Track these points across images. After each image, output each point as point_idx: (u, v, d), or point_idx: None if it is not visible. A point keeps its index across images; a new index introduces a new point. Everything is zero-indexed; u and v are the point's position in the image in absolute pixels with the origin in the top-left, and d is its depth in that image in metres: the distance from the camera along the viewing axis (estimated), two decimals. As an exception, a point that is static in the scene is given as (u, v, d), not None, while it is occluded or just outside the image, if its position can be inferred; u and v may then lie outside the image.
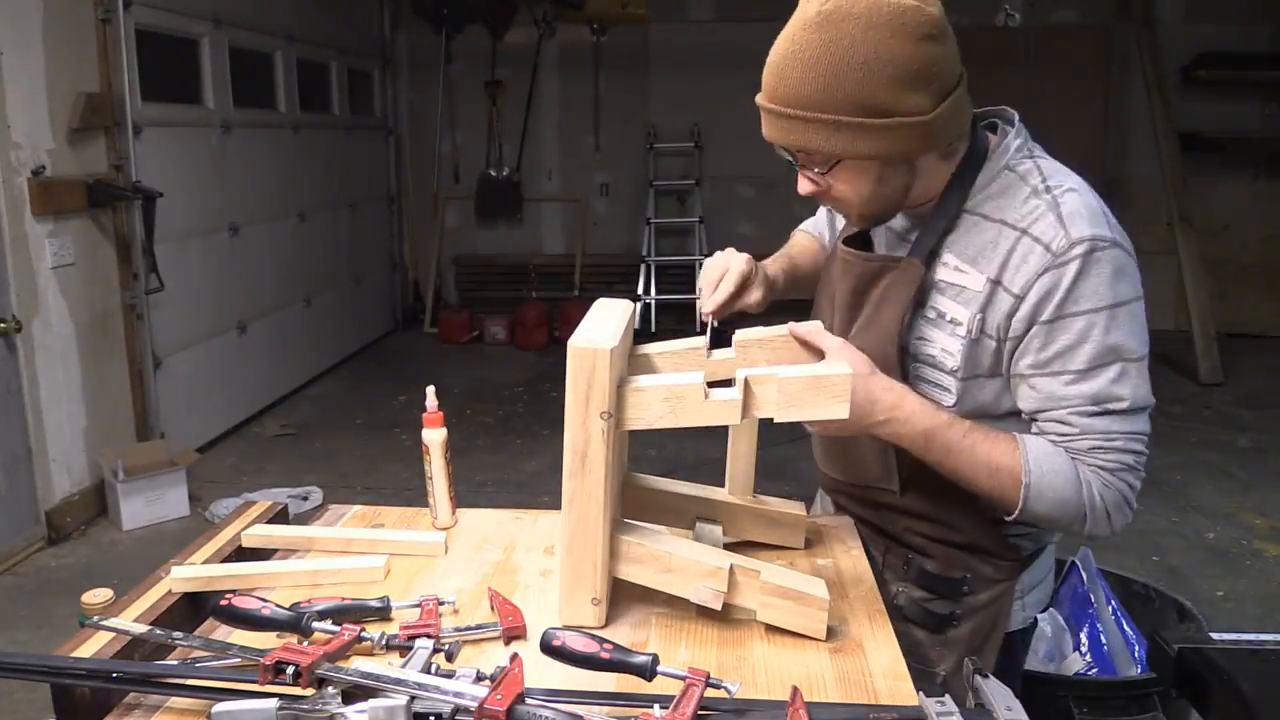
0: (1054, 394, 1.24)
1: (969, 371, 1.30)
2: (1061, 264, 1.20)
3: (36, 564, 3.83)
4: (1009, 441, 1.26)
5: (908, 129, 1.20)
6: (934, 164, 1.29)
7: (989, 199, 1.28)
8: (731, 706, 0.99)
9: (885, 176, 1.26)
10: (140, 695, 1.07)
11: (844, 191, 1.29)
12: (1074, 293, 1.20)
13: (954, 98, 1.23)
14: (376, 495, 4.41)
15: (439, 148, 8.09)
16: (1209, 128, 7.13)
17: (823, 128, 1.20)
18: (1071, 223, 1.21)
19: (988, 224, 1.27)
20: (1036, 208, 1.24)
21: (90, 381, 4.21)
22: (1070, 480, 1.24)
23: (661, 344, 1.35)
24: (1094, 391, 1.22)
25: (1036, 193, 1.25)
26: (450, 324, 7.74)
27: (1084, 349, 1.21)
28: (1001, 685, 1.00)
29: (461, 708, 0.93)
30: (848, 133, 1.19)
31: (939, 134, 1.23)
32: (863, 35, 1.15)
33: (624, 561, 1.21)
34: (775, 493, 1.51)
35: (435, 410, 1.51)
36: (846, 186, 1.28)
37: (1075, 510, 1.25)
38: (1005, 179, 1.28)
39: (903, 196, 1.31)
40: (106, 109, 4.23)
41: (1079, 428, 1.24)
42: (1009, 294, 1.24)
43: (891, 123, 1.19)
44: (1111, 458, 1.24)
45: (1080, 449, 1.25)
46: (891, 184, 1.28)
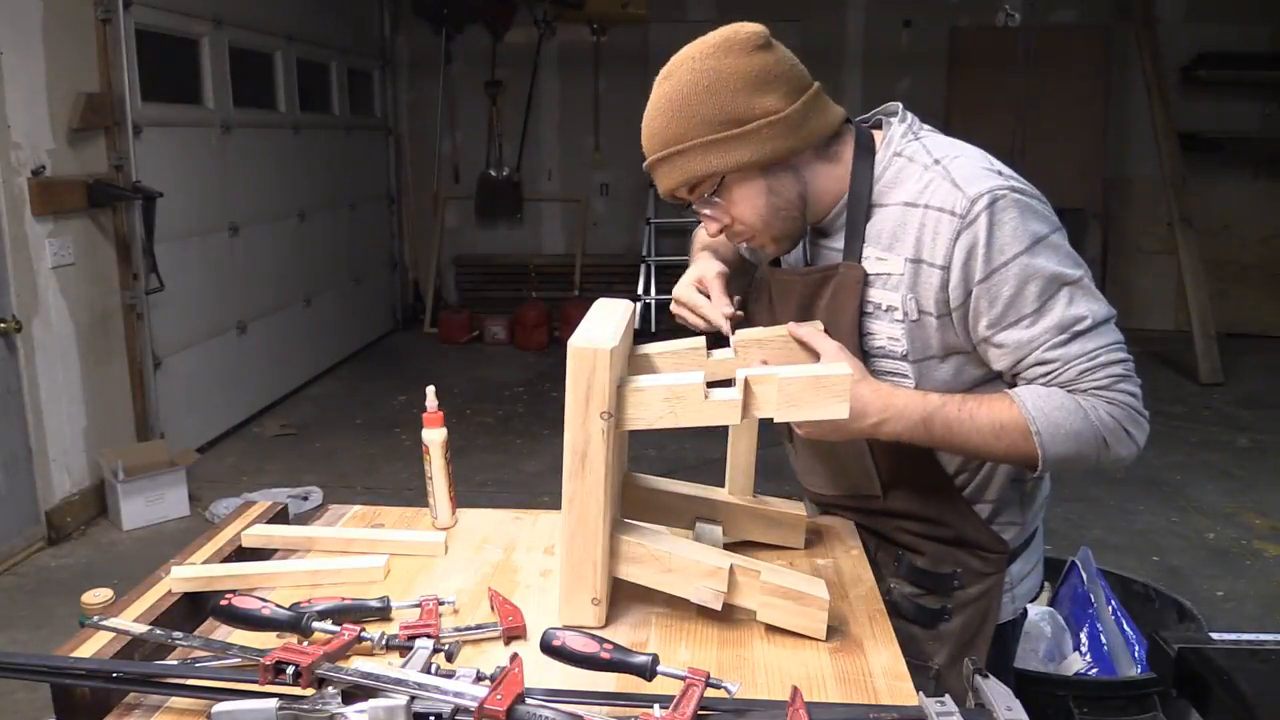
0: (1021, 341, 1.26)
1: (918, 354, 1.33)
2: (970, 223, 1.24)
3: (36, 564, 3.83)
4: (1004, 399, 1.27)
5: (770, 128, 1.26)
6: (820, 168, 1.34)
7: (887, 187, 1.33)
8: (731, 706, 0.99)
9: (774, 185, 1.32)
10: (140, 695, 1.07)
11: (745, 214, 1.33)
12: (993, 244, 1.23)
13: (809, 96, 1.30)
14: (376, 495, 4.41)
15: (439, 148, 8.09)
16: (1209, 128, 7.13)
17: (693, 153, 1.29)
18: (966, 183, 1.25)
19: (892, 209, 1.32)
20: (930, 181, 1.28)
21: (90, 381, 4.21)
22: (1074, 411, 1.25)
23: (661, 344, 1.35)
24: (1055, 322, 1.24)
25: (927, 168, 1.30)
26: (450, 324, 7.74)
27: (1029, 289, 1.24)
28: (1001, 685, 1.00)
29: (461, 708, 0.93)
30: (716, 149, 1.28)
31: (803, 129, 1.29)
32: (698, 67, 1.29)
33: (624, 561, 1.21)
34: (775, 493, 1.51)
35: (435, 410, 1.51)
36: (744, 208, 1.33)
37: (1092, 438, 1.25)
38: (896, 164, 1.33)
39: (801, 205, 1.35)
40: (106, 109, 4.23)
41: (1058, 359, 1.25)
42: (933, 267, 1.27)
43: (752, 127, 1.26)
44: (1101, 375, 1.25)
45: (1069, 379, 1.26)
46: (784, 194, 1.33)
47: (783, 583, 1.20)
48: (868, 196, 1.33)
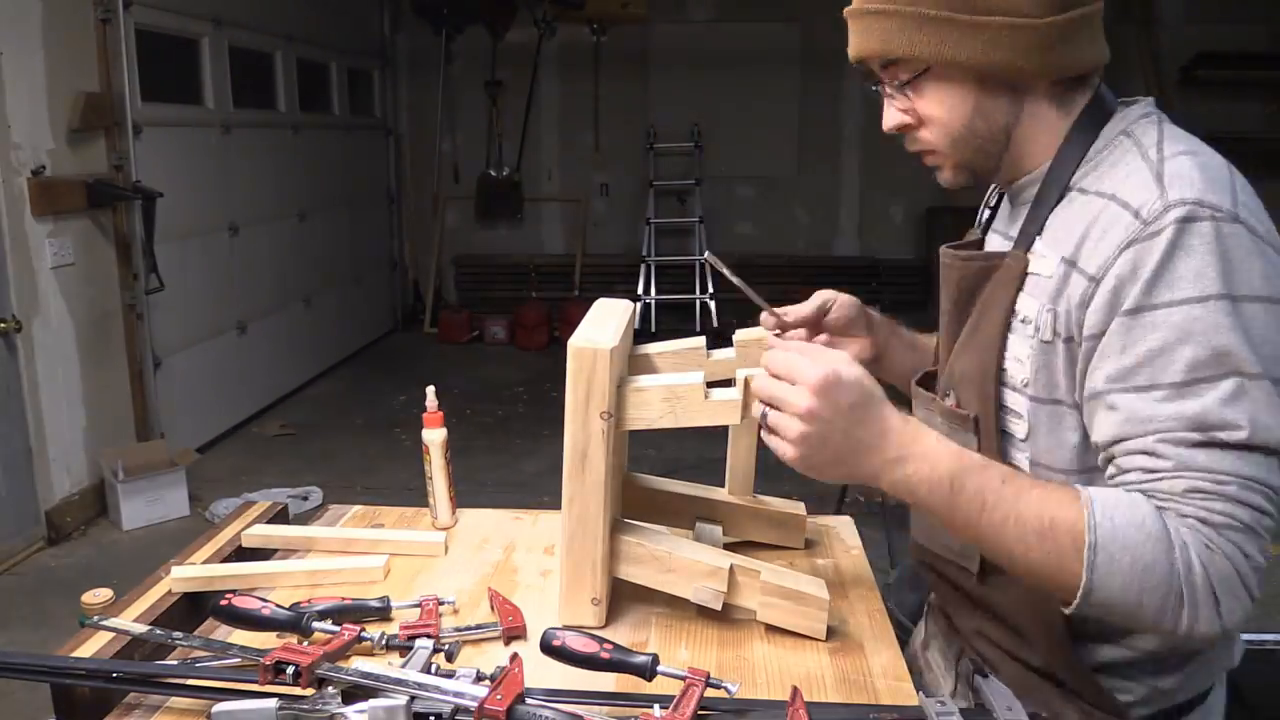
0: (1137, 414, 0.91)
1: (1043, 391, 1.01)
2: (1151, 234, 0.91)
3: (36, 564, 3.83)
4: (1067, 490, 0.93)
5: (1011, 32, 0.98)
6: (1043, 109, 1.05)
7: (1095, 168, 1.03)
8: (731, 706, 0.99)
9: (982, 103, 1.04)
10: (140, 695, 1.07)
11: (934, 117, 1.06)
12: (1167, 273, 0.90)
13: (1080, 15, 1.01)
14: (376, 495, 4.41)
15: (439, 148, 8.09)
16: (1209, 128, 7.06)
17: (907, 23, 1.01)
18: (1172, 183, 0.93)
19: (1084, 197, 1.02)
20: (1134, 166, 0.98)
21: (90, 381, 4.21)
22: (1156, 538, 0.88)
23: (661, 344, 1.35)
24: (1196, 412, 0.89)
25: (1145, 155, 0.98)
26: (450, 324, 7.74)
27: (1182, 352, 0.89)
28: (1002, 685, 1.00)
29: (461, 708, 0.93)
30: (935, 30, 1.00)
31: (1050, 51, 1.00)
32: None
33: (624, 561, 1.21)
34: (775, 493, 1.51)
35: (435, 410, 1.51)
36: (937, 110, 1.05)
37: (1162, 584, 0.88)
38: (1119, 145, 1.02)
39: (1003, 142, 1.06)
40: (106, 109, 4.23)
41: (1172, 461, 0.90)
42: (1083, 276, 0.96)
43: (990, 21, 0.98)
44: (1219, 505, 0.88)
45: (1173, 491, 0.90)
46: (990, 118, 1.05)
47: (783, 583, 1.20)
48: (1070, 173, 1.04)
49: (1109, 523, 0.89)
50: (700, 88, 7.84)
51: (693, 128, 7.88)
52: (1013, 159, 1.08)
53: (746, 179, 8.13)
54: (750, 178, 8.13)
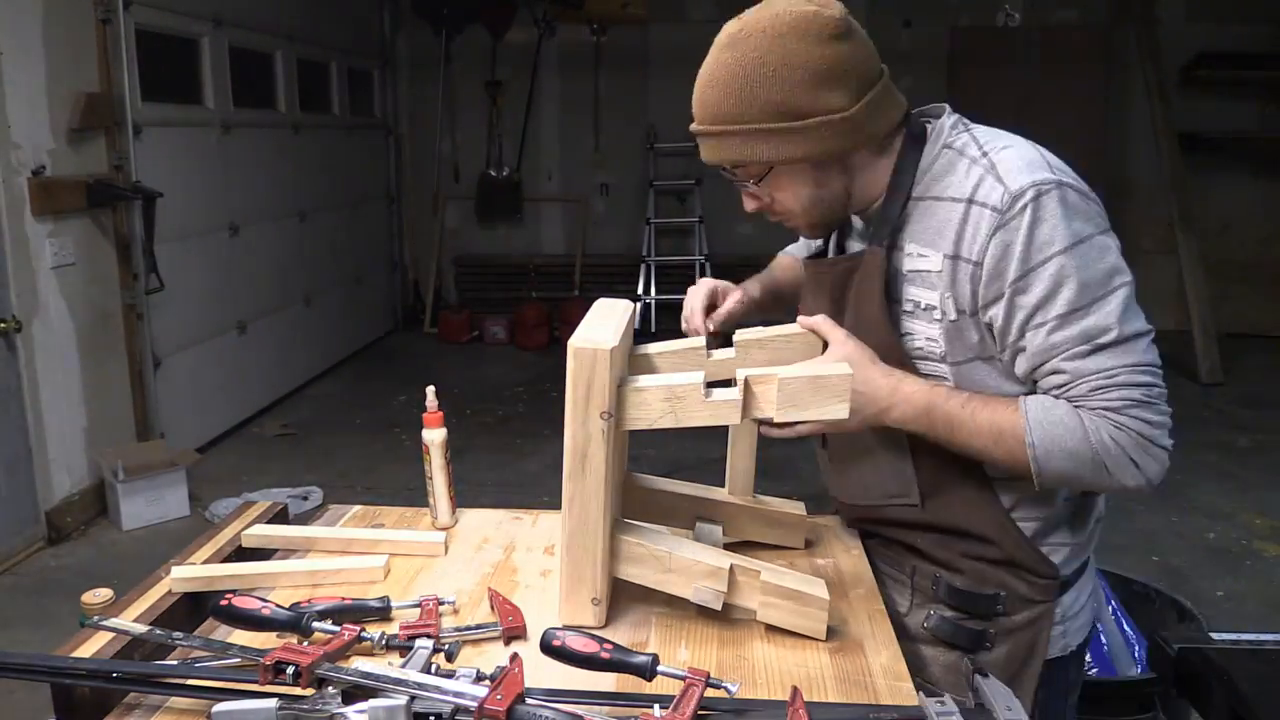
0: (1041, 346, 1.19)
1: (958, 355, 1.27)
2: (1010, 218, 1.17)
3: (36, 564, 3.83)
4: (1009, 404, 1.21)
5: (829, 127, 1.21)
6: (870, 160, 1.29)
7: (934, 180, 1.27)
8: (731, 706, 0.99)
9: (821, 179, 1.28)
10: (140, 695, 1.07)
11: (786, 200, 1.30)
12: (1032, 242, 1.17)
13: (875, 92, 1.24)
14: (376, 495, 4.41)
15: (439, 148, 8.09)
16: (1209, 128, 7.13)
17: (747, 138, 1.23)
18: (1009, 177, 1.19)
19: (937, 204, 1.26)
20: (976, 174, 1.22)
21: (90, 381, 4.21)
22: (1074, 429, 1.17)
23: (661, 344, 1.35)
24: (1080, 331, 1.17)
25: (974, 161, 1.23)
26: (450, 324, 7.74)
27: (1060, 294, 1.16)
28: (1001, 685, 1.00)
29: (461, 708, 0.93)
30: (772, 139, 1.22)
31: (863, 129, 1.23)
32: (769, 45, 1.20)
33: (624, 561, 1.21)
34: (775, 493, 1.51)
35: (435, 410, 1.51)
36: (786, 194, 1.30)
37: (1089, 460, 1.17)
38: (945, 157, 1.27)
39: (845, 198, 1.31)
40: (106, 109, 4.23)
41: (1070, 372, 1.18)
42: (968, 263, 1.21)
43: (812, 123, 1.21)
44: (1114, 395, 1.17)
45: (1081, 394, 1.18)
46: (829, 185, 1.29)
47: (783, 583, 1.20)
48: (909, 189, 1.28)
49: (1039, 425, 1.19)
50: (700, 88, 7.82)
51: (693, 128, 7.88)
52: (856, 201, 1.33)
53: (746, 179, 8.13)
54: (750, 178, 8.13)
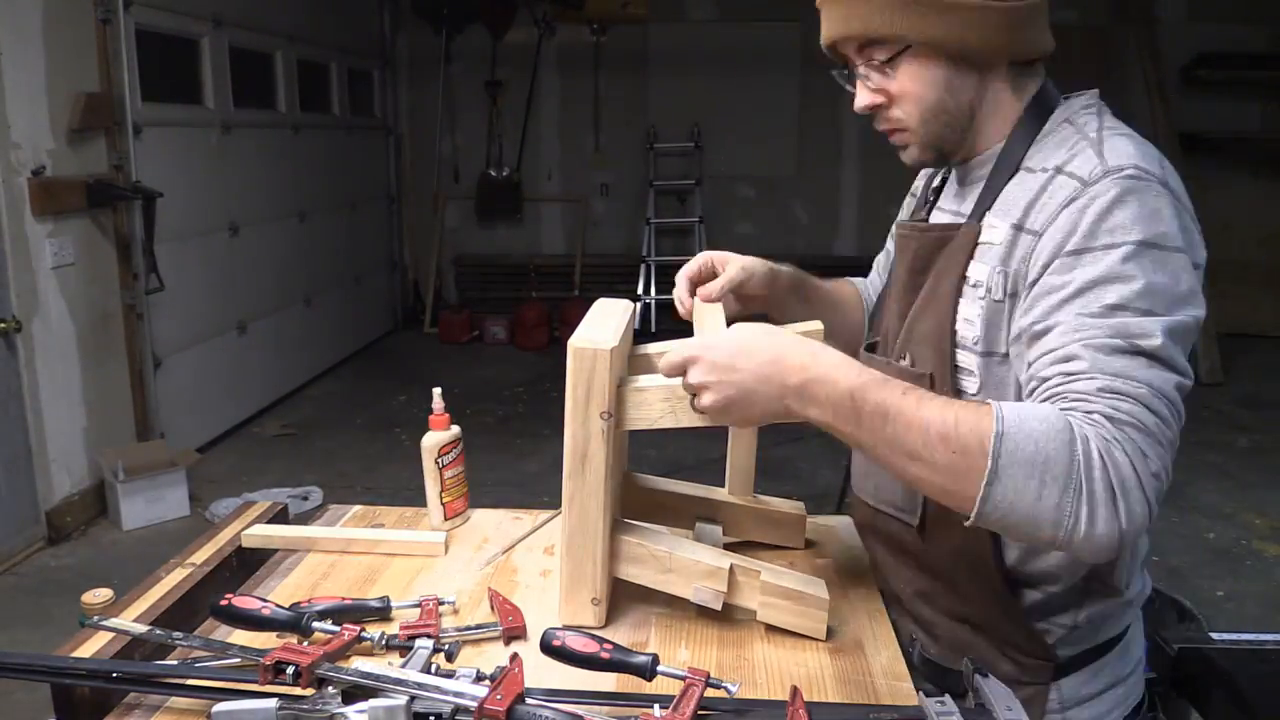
0: (1070, 326, 0.98)
1: (988, 345, 1.10)
2: (1092, 191, 1.02)
3: (36, 564, 3.83)
4: (971, 401, 1.01)
5: (982, 14, 1.08)
6: (1002, 92, 1.15)
7: (1040, 150, 1.13)
8: (731, 706, 0.99)
9: (953, 82, 1.13)
10: (140, 695, 1.07)
11: (909, 93, 1.13)
12: (1107, 219, 1.00)
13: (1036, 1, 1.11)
14: (376, 495, 4.41)
15: (439, 148, 8.09)
16: (1209, 128, 7.13)
17: (886, 5, 1.09)
18: (1111, 154, 1.04)
19: (1030, 175, 1.12)
20: (1078, 147, 1.08)
21: (90, 381, 4.21)
22: (1058, 429, 0.91)
23: (661, 344, 1.35)
24: (1120, 324, 0.96)
25: (1085, 137, 1.10)
26: (450, 324, 7.74)
27: (1116, 285, 0.97)
28: (1001, 685, 1.00)
29: (461, 708, 0.93)
30: (916, 11, 1.08)
31: (1014, 31, 1.10)
32: None
33: (624, 561, 1.21)
34: (775, 493, 1.51)
35: (439, 413, 1.51)
36: (912, 86, 1.13)
37: (1063, 475, 0.89)
38: (1062, 130, 1.13)
39: (968, 120, 1.15)
40: (106, 109, 4.23)
41: (1089, 361, 0.95)
42: (1030, 234, 1.06)
43: (964, 2, 1.07)
44: (1126, 406, 0.92)
45: (1085, 392, 0.94)
46: (959, 96, 1.13)
47: (783, 583, 1.20)
48: (1021, 153, 1.13)
49: (1015, 417, 0.92)
50: (700, 88, 7.83)
51: (693, 128, 7.87)
52: (972, 138, 1.17)
53: (746, 179, 8.13)
54: (750, 178, 8.13)
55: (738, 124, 7.94)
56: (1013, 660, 1.15)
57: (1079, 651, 1.17)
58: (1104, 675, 1.19)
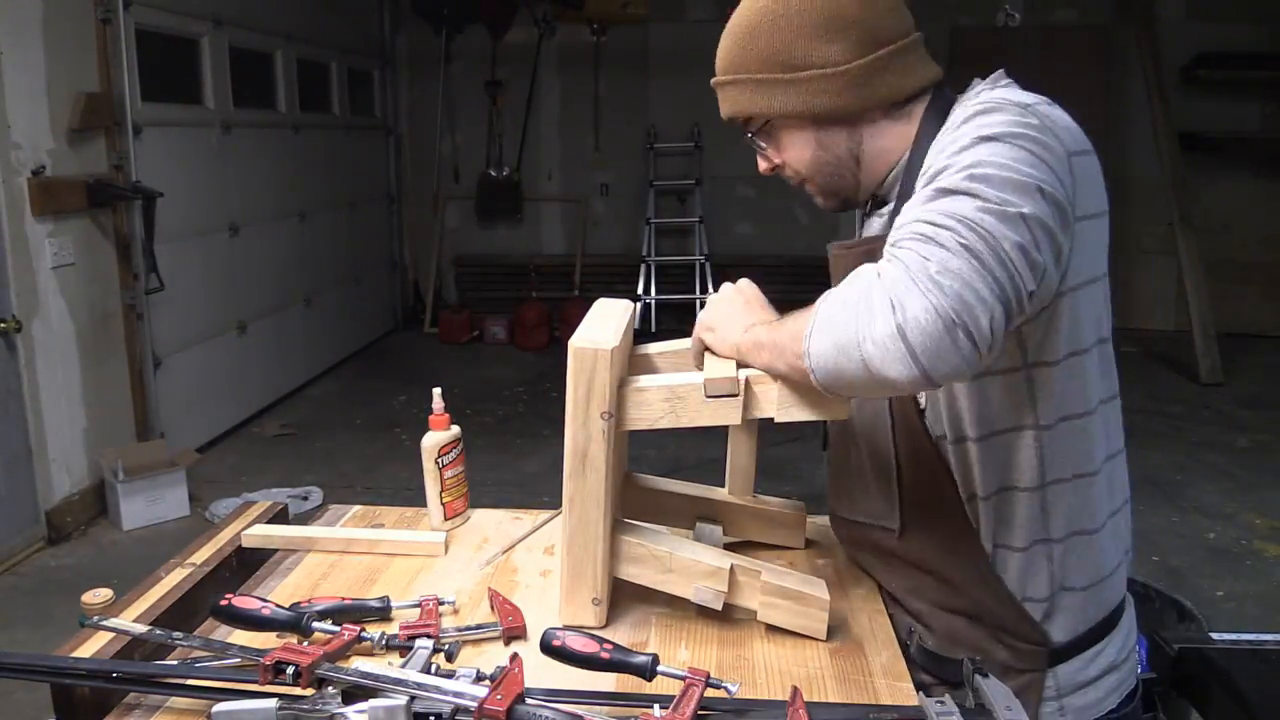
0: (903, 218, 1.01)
1: None
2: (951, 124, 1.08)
3: (36, 564, 3.83)
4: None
5: (824, 81, 1.14)
6: (883, 127, 1.18)
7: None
8: (731, 706, 0.99)
9: (824, 140, 1.19)
10: (140, 695, 1.07)
11: (792, 159, 1.23)
12: (952, 136, 1.04)
13: (887, 51, 1.14)
14: (376, 495, 4.41)
15: (439, 148, 8.09)
16: (1209, 128, 7.13)
17: (743, 89, 1.20)
18: (979, 98, 1.09)
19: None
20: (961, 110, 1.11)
21: (90, 381, 4.21)
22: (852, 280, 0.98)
23: (662, 344, 1.35)
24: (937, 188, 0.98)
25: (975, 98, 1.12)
26: (450, 324, 7.74)
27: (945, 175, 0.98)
28: (1001, 685, 1.00)
29: (461, 708, 0.93)
30: (764, 90, 1.17)
31: (864, 88, 1.14)
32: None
33: (625, 561, 1.21)
34: (775, 493, 1.51)
35: (439, 413, 1.51)
36: (792, 154, 1.23)
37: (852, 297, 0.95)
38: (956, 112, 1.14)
39: (854, 165, 1.21)
40: (106, 109, 4.23)
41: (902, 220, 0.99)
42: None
43: (805, 76, 1.14)
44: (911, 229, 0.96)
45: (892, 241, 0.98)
46: (834, 150, 1.20)
47: (783, 583, 1.20)
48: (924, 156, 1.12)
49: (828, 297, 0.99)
50: (700, 88, 7.64)
51: (693, 128, 7.87)
52: (870, 173, 1.22)
53: (746, 179, 8.13)
54: (750, 178, 8.12)
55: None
56: (1008, 647, 1.16)
57: (1073, 638, 1.17)
58: (1099, 661, 1.19)
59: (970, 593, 1.18)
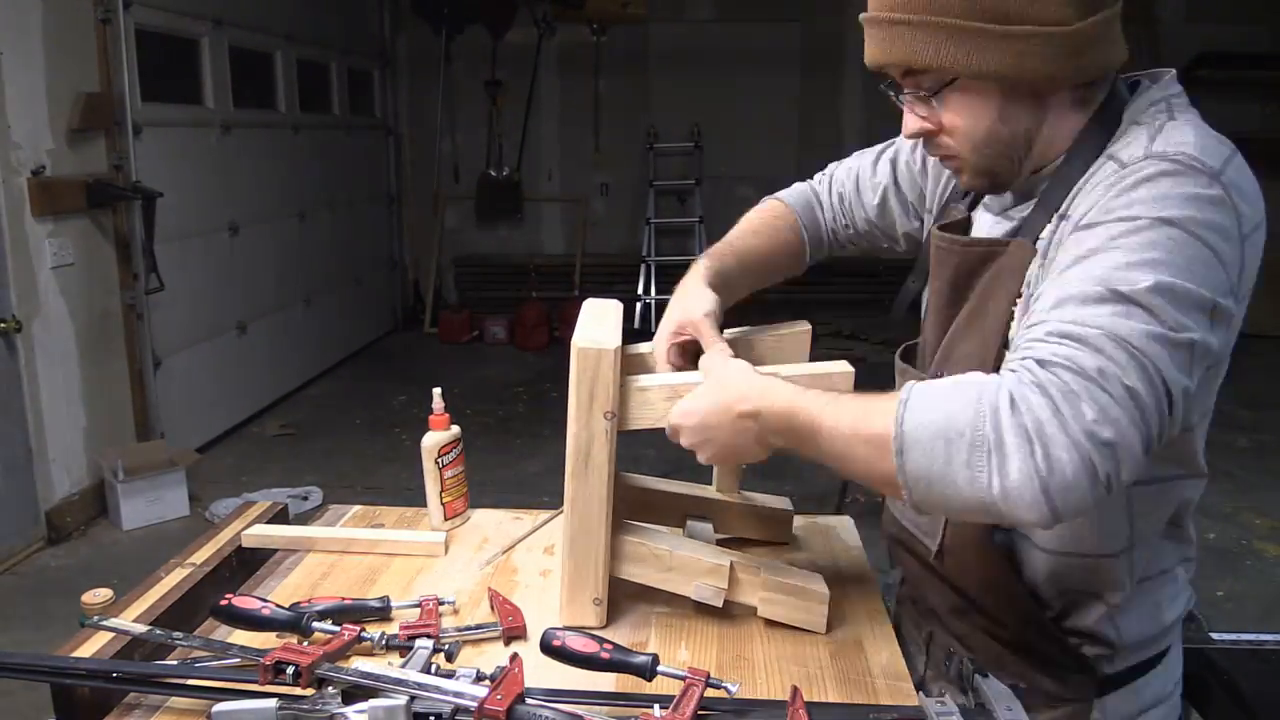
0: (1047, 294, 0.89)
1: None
2: (1127, 171, 0.92)
3: (36, 564, 3.82)
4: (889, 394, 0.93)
5: (1042, 42, 0.96)
6: (1065, 112, 1.04)
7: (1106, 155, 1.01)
8: (731, 706, 0.99)
9: (1007, 111, 1.02)
10: (140, 695, 1.07)
11: (957, 126, 1.04)
12: (1129, 194, 0.90)
13: (1106, 14, 1.00)
14: (376, 495, 4.41)
15: (439, 148, 8.09)
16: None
17: (935, 34, 0.97)
18: (1163, 139, 0.94)
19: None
20: (1138, 136, 0.98)
21: (90, 381, 4.21)
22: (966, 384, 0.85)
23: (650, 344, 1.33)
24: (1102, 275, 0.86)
25: (1148, 126, 0.99)
26: (450, 324, 7.74)
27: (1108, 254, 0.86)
28: (1001, 685, 1.00)
29: (461, 708, 0.93)
30: (966, 41, 0.97)
31: (1081, 57, 0.99)
32: None
33: (625, 561, 1.21)
34: (775, 493, 1.51)
35: (439, 413, 1.51)
36: (961, 119, 1.03)
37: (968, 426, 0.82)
38: (1130, 133, 1.00)
39: (1024, 150, 1.05)
40: (106, 109, 4.23)
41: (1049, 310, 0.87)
42: (1069, 222, 0.96)
43: (1022, 31, 0.95)
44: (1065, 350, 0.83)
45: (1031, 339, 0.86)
46: (1013, 124, 1.03)
47: (783, 578, 1.20)
48: (1084, 166, 1.01)
49: (922, 387, 0.87)
50: (700, 88, 7.83)
51: (693, 128, 7.87)
52: (1033, 159, 1.06)
53: (746, 179, 8.12)
54: (750, 178, 8.11)
55: (738, 124, 7.94)
56: (1054, 677, 1.10)
57: (1121, 669, 1.11)
58: (1146, 694, 1.13)
59: (1013, 625, 1.11)
